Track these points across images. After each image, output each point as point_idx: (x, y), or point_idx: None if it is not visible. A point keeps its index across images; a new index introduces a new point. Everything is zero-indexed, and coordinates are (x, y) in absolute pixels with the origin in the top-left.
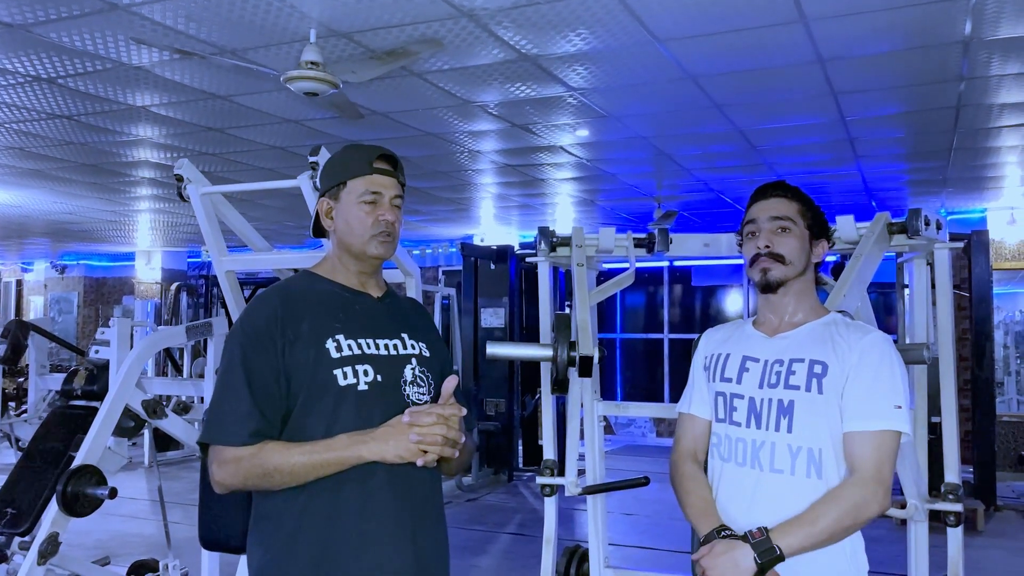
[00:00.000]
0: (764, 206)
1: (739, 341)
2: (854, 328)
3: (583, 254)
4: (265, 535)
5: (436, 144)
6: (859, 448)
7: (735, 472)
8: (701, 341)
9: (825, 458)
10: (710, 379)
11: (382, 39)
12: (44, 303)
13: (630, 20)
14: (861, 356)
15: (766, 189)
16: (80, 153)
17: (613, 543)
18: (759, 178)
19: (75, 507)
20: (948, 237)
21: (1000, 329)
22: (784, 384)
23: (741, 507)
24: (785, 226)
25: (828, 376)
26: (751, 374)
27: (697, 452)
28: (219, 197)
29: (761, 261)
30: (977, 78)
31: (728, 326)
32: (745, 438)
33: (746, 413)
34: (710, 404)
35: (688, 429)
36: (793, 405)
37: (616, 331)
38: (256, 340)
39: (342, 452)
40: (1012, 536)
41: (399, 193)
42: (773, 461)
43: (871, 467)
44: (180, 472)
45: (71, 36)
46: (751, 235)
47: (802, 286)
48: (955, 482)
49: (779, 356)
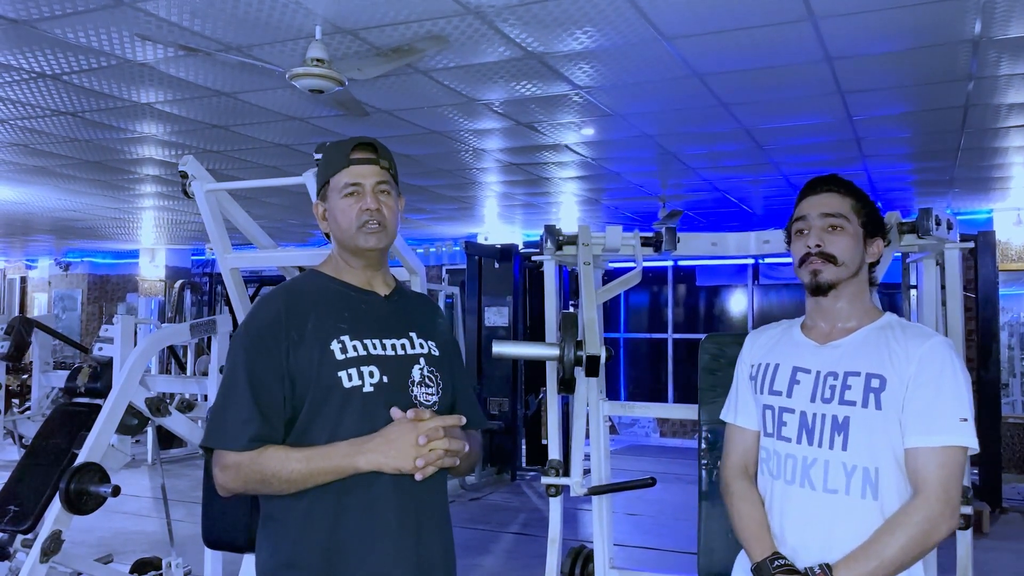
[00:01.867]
0: (815, 201)
1: (787, 349)
2: (912, 333)
3: (589, 253)
4: (272, 536)
5: (441, 142)
6: (924, 466)
7: (785, 490)
8: (746, 345)
9: (882, 478)
10: (757, 390)
11: (388, 36)
12: (48, 300)
13: (637, 17)
14: (921, 365)
15: (816, 183)
16: (84, 150)
17: (618, 543)
18: (765, 177)
19: (78, 505)
20: (958, 237)
21: (1005, 331)
22: (839, 399)
23: (795, 528)
24: (838, 224)
25: (887, 391)
26: (802, 387)
27: (748, 466)
28: (224, 194)
29: (811, 262)
30: (985, 77)
31: (774, 329)
32: (795, 455)
33: (797, 428)
34: (757, 415)
35: (737, 442)
36: (849, 421)
37: (620, 331)
38: (259, 342)
39: (339, 462)
40: (1018, 538)
41: (383, 179)
42: (827, 480)
43: (937, 486)
44: (183, 470)
45: (76, 32)
46: (800, 233)
47: (855, 288)
48: (964, 484)
49: (832, 368)
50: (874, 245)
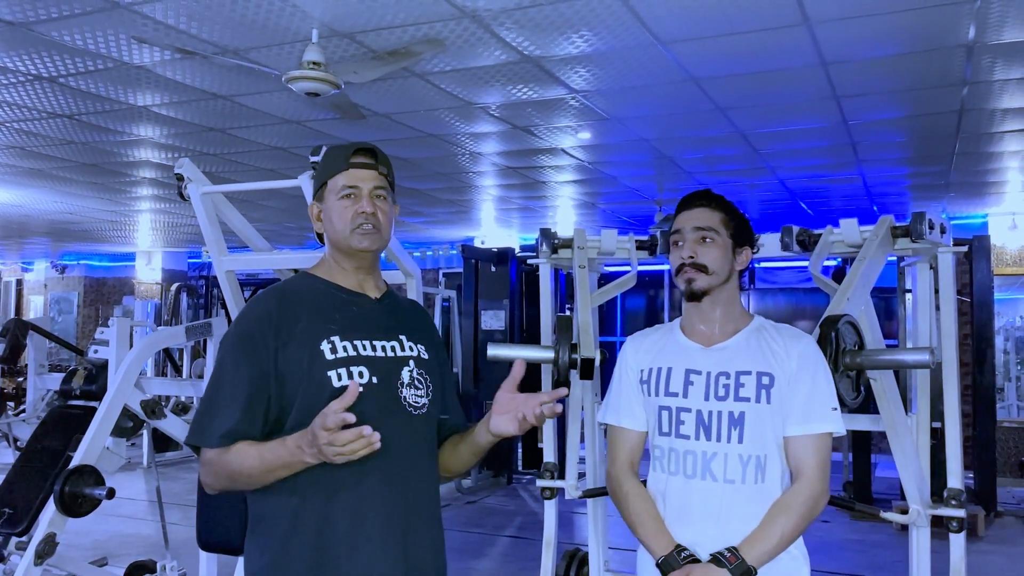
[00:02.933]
0: (688, 216)
1: (675, 353)
2: (786, 334)
3: (585, 256)
4: (261, 537)
5: (437, 145)
6: (803, 451)
7: (684, 485)
8: (628, 351)
9: (769, 463)
10: (651, 393)
11: (384, 39)
12: (44, 303)
13: (633, 22)
14: (800, 362)
15: (691, 199)
16: (81, 153)
17: (613, 546)
18: (761, 182)
19: (73, 507)
20: (952, 241)
21: (1001, 335)
22: (735, 396)
23: (692, 519)
24: (708, 236)
25: (775, 386)
26: (696, 387)
27: (634, 464)
28: (220, 197)
29: (686, 271)
30: (980, 82)
31: (655, 334)
32: (695, 450)
33: (695, 426)
34: (644, 416)
35: (623, 442)
36: (744, 416)
37: (617, 334)
38: (247, 341)
39: (287, 457)
40: (1013, 542)
41: (380, 184)
42: (725, 471)
43: (817, 469)
44: (178, 473)
45: (72, 35)
46: (676, 244)
47: (728, 295)
48: (958, 488)
49: (723, 368)
50: (742, 254)
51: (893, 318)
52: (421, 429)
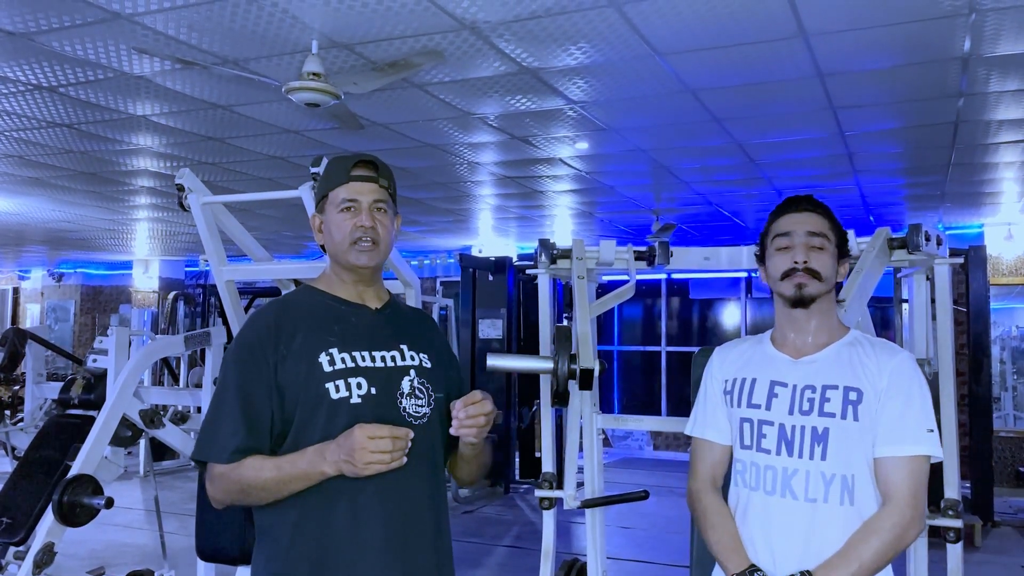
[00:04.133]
0: (798, 219)
1: (762, 364)
2: (881, 348)
3: (583, 266)
4: (265, 549)
5: (436, 155)
6: (894, 474)
7: (764, 501)
8: (715, 361)
9: (858, 485)
10: (733, 404)
11: (384, 51)
12: (41, 311)
13: (630, 34)
14: (892, 379)
15: (798, 202)
16: (79, 162)
17: (611, 556)
18: (757, 192)
19: (71, 517)
20: (948, 252)
21: (997, 345)
22: (819, 411)
23: (774, 538)
24: (821, 244)
25: (863, 403)
26: (780, 400)
27: (716, 479)
28: (219, 207)
29: (797, 276)
30: (976, 94)
31: (743, 345)
32: (775, 466)
33: (776, 440)
34: (729, 429)
35: (705, 455)
36: (828, 432)
37: (614, 343)
38: (249, 356)
39: (306, 467)
40: (1010, 552)
41: (380, 198)
42: (807, 490)
43: (907, 494)
44: (176, 482)
45: (73, 45)
46: (784, 248)
47: (828, 304)
48: (955, 498)
49: (809, 382)
50: (843, 265)
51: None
52: (421, 439)
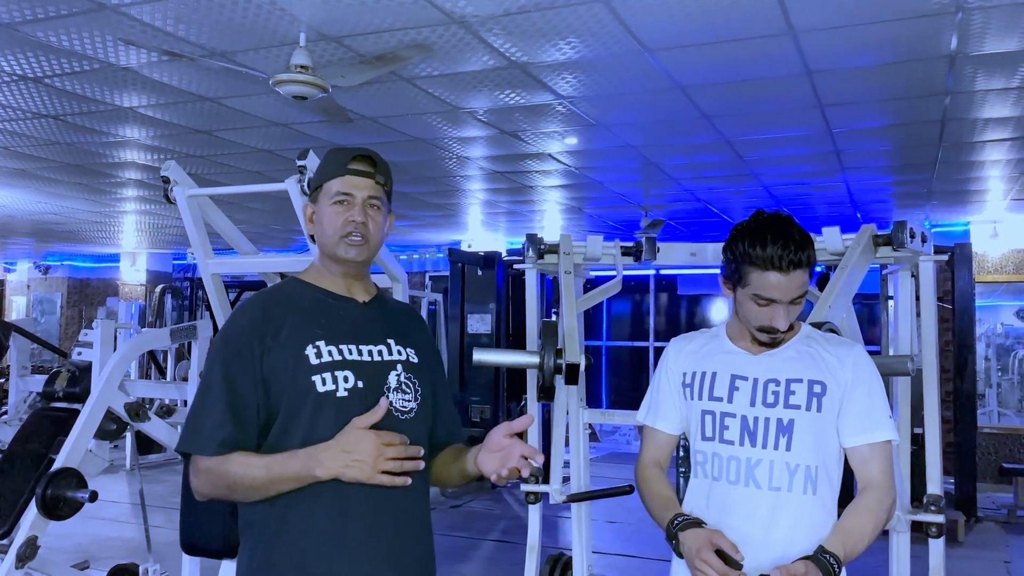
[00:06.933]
0: (787, 285)
1: (721, 358)
2: (836, 343)
3: (571, 262)
4: (250, 542)
5: (424, 149)
6: (870, 460)
7: (726, 490)
8: (670, 354)
9: (820, 475)
10: (694, 397)
11: (372, 44)
12: (27, 304)
13: (619, 30)
14: (855, 371)
15: (790, 261)
16: (66, 153)
17: (597, 551)
18: (746, 188)
19: (55, 510)
20: (933, 250)
21: (982, 342)
22: (784, 403)
23: (735, 524)
24: (801, 300)
25: (827, 395)
26: (741, 393)
27: (661, 462)
28: (206, 200)
29: (773, 332)
30: (962, 92)
31: (698, 338)
32: (739, 456)
33: (739, 432)
34: (678, 420)
35: (652, 442)
36: (793, 424)
37: (602, 339)
38: (235, 348)
39: (297, 471)
40: (992, 547)
41: (375, 194)
42: (771, 479)
43: (885, 476)
44: (162, 476)
45: (59, 35)
46: (765, 305)
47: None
48: (937, 493)
49: (772, 375)
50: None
51: (876, 324)
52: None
